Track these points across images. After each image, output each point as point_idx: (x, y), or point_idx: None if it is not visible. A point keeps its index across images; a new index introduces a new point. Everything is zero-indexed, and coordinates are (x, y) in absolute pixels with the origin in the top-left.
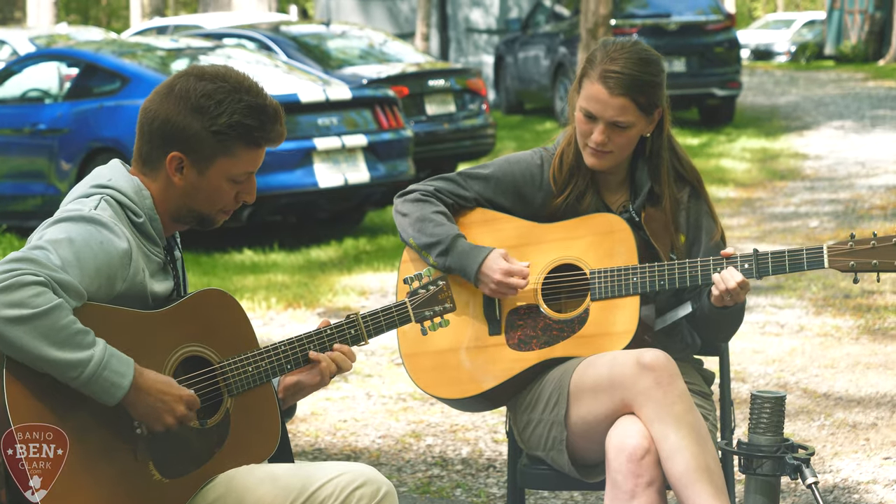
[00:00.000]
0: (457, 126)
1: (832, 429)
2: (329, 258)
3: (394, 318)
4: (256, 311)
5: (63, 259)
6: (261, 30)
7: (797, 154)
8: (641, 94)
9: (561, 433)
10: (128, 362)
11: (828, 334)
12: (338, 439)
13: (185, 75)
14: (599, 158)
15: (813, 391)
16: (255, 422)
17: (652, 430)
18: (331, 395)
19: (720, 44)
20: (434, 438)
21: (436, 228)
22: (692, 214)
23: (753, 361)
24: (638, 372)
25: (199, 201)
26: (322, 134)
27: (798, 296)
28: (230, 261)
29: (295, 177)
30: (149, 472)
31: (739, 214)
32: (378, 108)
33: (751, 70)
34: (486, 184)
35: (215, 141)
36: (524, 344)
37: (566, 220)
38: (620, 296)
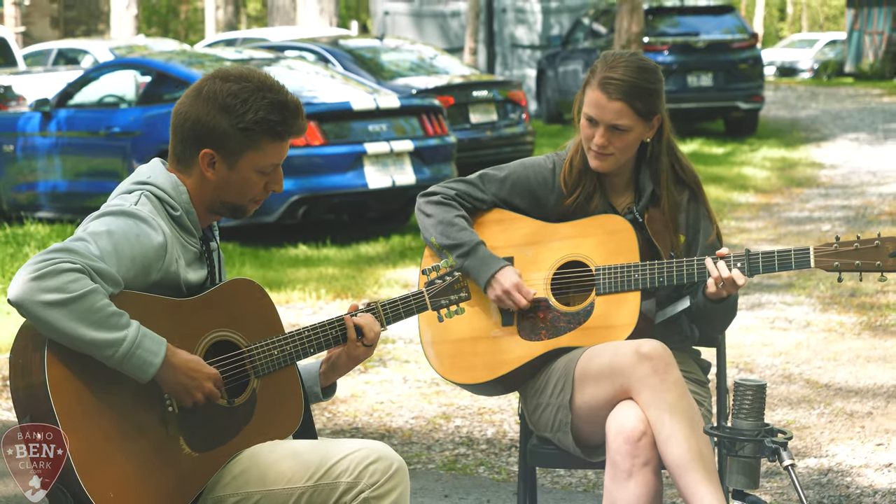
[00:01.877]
0: (498, 133)
1: (831, 416)
2: (377, 253)
3: (412, 306)
4: (307, 301)
5: (102, 249)
6: (320, 43)
7: (814, 163)
8: (638, 100)
9: (566, 416)
10: (160, 342)
11: (832, 329)
12: (374, 419)
13: (212, 78)
14: (601, 160)
15: (815, 382)
16: (279, 401)
17: (648, 414)
18: (370, 378)
19: (745, 60)
20: (462, 420)
21: (459, 233)
22: (691, 216)
23: (762, 354)
24: (637, 361)
25: (230, 193)
26: (372, 139)
27: (807, 293)
28: (286, 255)
29: (347, 178)
30: (180, 446)
31: (758, 218)
32: (424, 116)
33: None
34: (502, 186)
35: (243, 137)
36: (534, 334)
37: (575, 220)
38: (623, 291)
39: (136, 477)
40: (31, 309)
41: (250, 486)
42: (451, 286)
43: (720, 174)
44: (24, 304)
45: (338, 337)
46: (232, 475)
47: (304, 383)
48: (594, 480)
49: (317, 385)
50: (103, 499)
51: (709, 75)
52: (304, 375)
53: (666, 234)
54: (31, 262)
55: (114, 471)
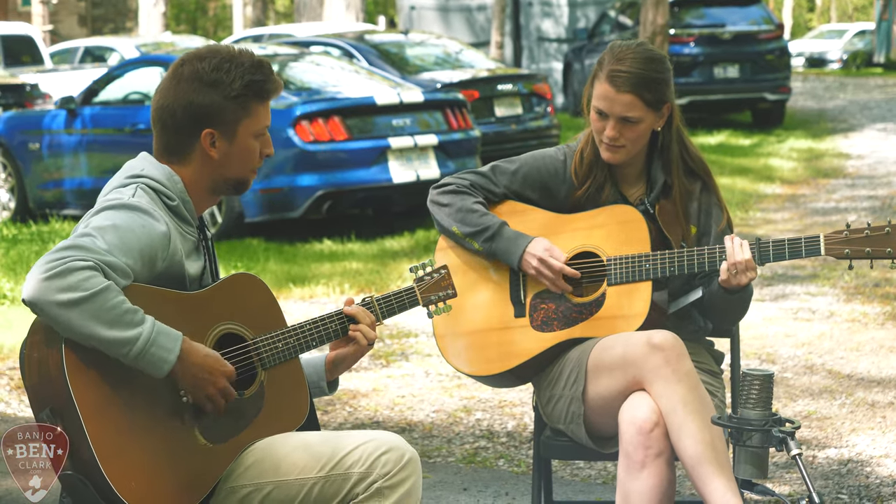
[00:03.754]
0: (524, 127)
1: (852, 407)
2: (401, 248)
3: (404, 301)
4: (331, 297)
5: (109, 243)
6: (346, 38)
7: (841, 154)
8: (647, 91)
9: (579, 408)
10: (176, 337)
11: (855, 320)
12: (395, 413)
13: (185, 63)
14: (613, 152)
15: (837, 372)
16: (286, 393)
17: (661, 405)
18: (392, 372)
19: (771, 52)
20: (483, 413)
21: (481, 218)
22: (703, 206)
23: (785, 344)
24: (648, 351)
25: (234, 167)
26: (396, 134)
27: (831, 284)
28: (311, 250)
29: (371, 173)
30: (195, 436)
31: (784, 209)
32: (448, 110)
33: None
34: (514, 178)
35: (236, 105)
36: (546, 325)
37: (586, 211)
38: (634, 281)
39: (154, 467)
40: (45, 309)
41: (263, 476)
42: (438, 283)
43: (747, 165)
44: (38, 303)
45: (338, 330)
46: (245, 466)
47: (307, 377)
48: (613, 472)
49: (322, 380)
50: (125, 488)
51: (735, 67)
52: (309, 370)
53: (677, 225)
54: (43, 261)
55: (134, 461)
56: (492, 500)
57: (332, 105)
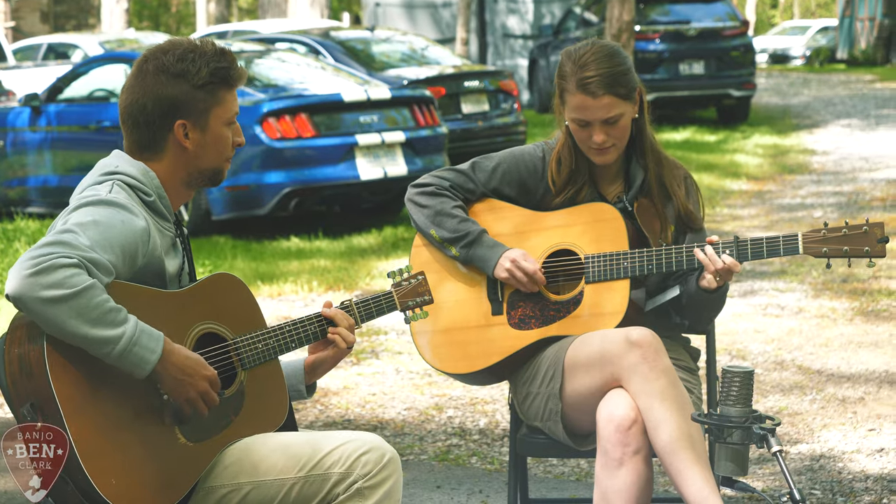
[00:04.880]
0: (490, 123)
1: (823, 402)
2: (369, 245)
3: (382, 306)
4: (299, 294)
5: (91, 239)
6: (311, 35)
7: (806, 150)
8: (619, 86)
9: (556, 405)
10: (157, 337)
11: (824, 316)
12: (366, 411)
13: (149, 58)
14: (605, 155)
15: (807, 368)
16: (266, 393)
17: (638, 402)
18: (363, 370)
19: (736, 48)
20: (455, 410)
21: (460, 224)
22: (681, 203)
23: (755, 340)
24: (626, 348)
25: (208, 157)
26: (364, 130)
27: (799, 280)
28: (278, 247)
29: (338, 170)
30: (175, 436)
31: (750, 205)
32: (416, 107)
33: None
34: (492, 175)
35: (205, 94)
36: (524, 323)
37: (564, 209)
38: (612, 279)
39: (135, 465)
40: (30, 305)
41: (242, 477)
42: (416, 289)
43: (713, 162)
44: (23, 299)
45: (317, 332)
46: (224, 466)
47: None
48: (587, 469)
49: (301, 384)
50: (106, 485)
51: (700, 63)
52: (287, 373)
53: (656, 223)
54: (26, 257)
55: (114, 459)
56: (465, 497)
57: (298, 102)
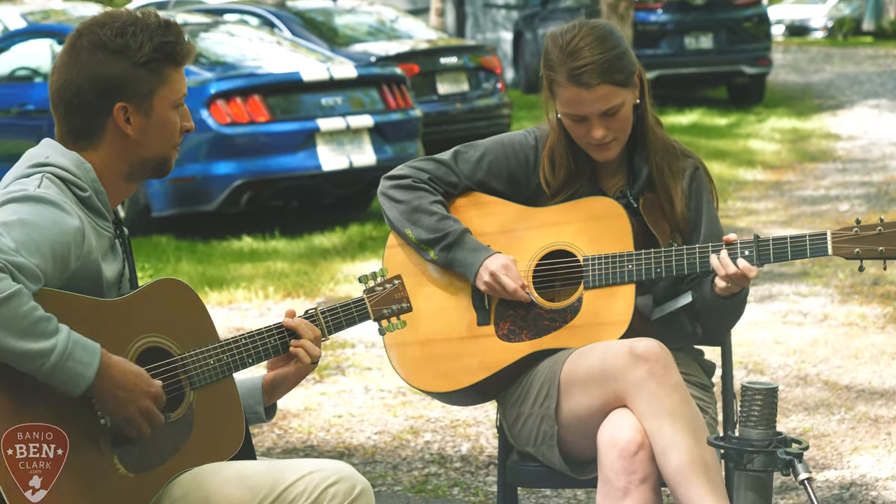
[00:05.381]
0: (470, 106)
1: (853, 423)
2: (332, 245)
3: (353, 315)
4: (253, 301)
5: (17, 241)
6: (265, 5)
7: (829, 134)
8: (616, 72)
9: (551, 427)
10: (93, 350)
11: (853, 323)
12: (332, 436)
13: (84, 33)
14: (607, 150)
15: (834, 383)
16: (218, 417)
17: (645, 423)
18: (326, 389)
19: (749, 19)
20: (433, 434)
21: (440, 223)
22: (693, 198)
23: (774, 352)
24: (631, 362)
25: (153, 144)
26: (326, 114)
27: (824, 283)
28: (228, 248)
29: (297, 159)
30: (114, 465)
31: (767, 198)
32: (385, 88)
33: (784, 47)
34: (477, 167)
35: (148, 73)
36: (514, 334)
37: (560, 204)
38: (615, 284)
39: (66, 500)
40: None
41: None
42: (391, 295)
43: (723, 148)
44: None
45: (277, 346)
46: (171, 500)
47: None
48: (585, 501)
49: (259, 404)
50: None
51: (709, 36)
52: (244, 393)
53: (664, 221)
54: None
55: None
56: None
57: (251, 82)
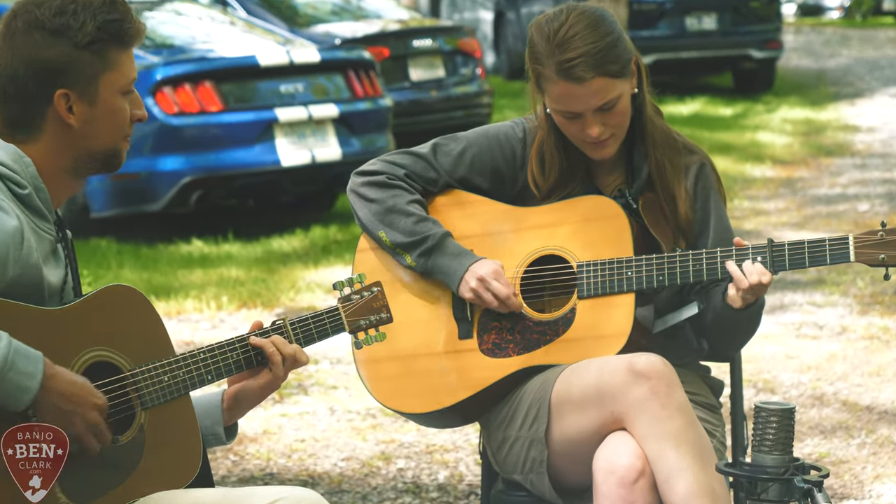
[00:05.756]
0: (446, 94)
1: (874, 447)
2: (293, 249)
3: (325, 326)
4: (204, 312)
5: None
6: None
7: (847, 126)
8: (611, 63)
9: (541, 453)
10: (36, 359)
11: (874, 337)
12: (293, 462)
13: (18, 13)
14: (604, 148)
15: (854, 403)
16: (173, 440)
17: (646, 448)
18: (287, 410)
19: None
20: (406, 461)
21: (418, 225)
22: (699, 198)
23: (786, 369)
24: (630, 380)
25: (100, 135)
26: (285, 103)
27: (841, 292)
28: (176, 253)
29: (253, 154)
30: (54, 493)
31: (777, 197)
32: (352, 73)
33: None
34: (459, 162)
35: (91, 55)
36: (499, 349)
37: (551, 204)
38: (613, 293)
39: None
40: None
41: None
42: (369, 304)
43: (729, 142)
44: None
45: (240, 361)
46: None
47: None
48: None
49: (219, 425)
50: None
51: (712, 16)
52: (200, 412)
53: (667, 223)
54: None
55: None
56: None
57: (201, 67)
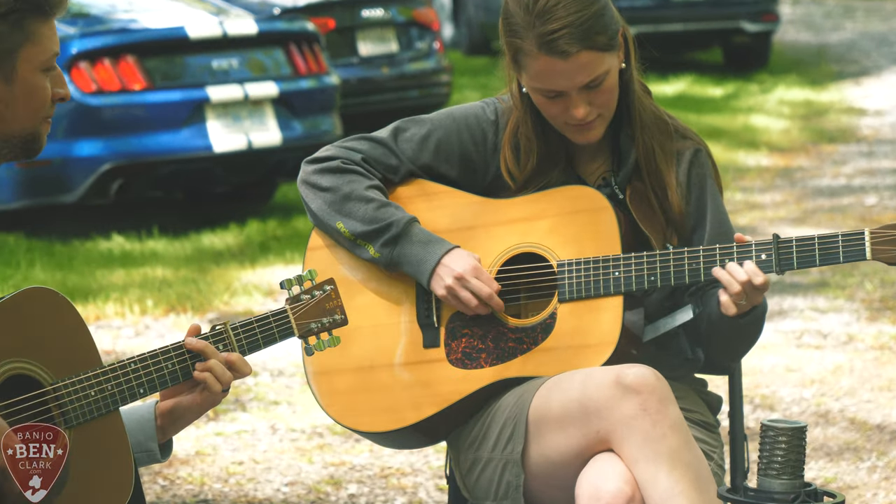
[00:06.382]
0: (400, 71)
1: (887, 471)
2: (227, 247)
3: (272, 330)
4: (127, 318)
5: None
6: None
7: (851, 109)
8: (597, 33)
9: (517, 477)
10: None
11: (885, 346)
12: (230, 487)
13: None
14: (590, 130)
15: (863, 422)
16: (101, 461)
17: (636, 471)
18: (223, 428)
19: None
20: (359, 486)
21: (379, 211)
22: (694, 189)
23: (786, 383)
24: (618, 395)
25: (19, 116)
26: (218, 81)
27: (847, 296)
28: (94, 250)
29: (181, 138)
30: None
31: (774, 188)
32: (293, 48)
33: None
34: (423, 147)
35: (9, 27)
36: (470, 359)
37: (527, 195)
38: (598, 296)
39: None
40: None
41: None
42: (321, 305)
43: (719, 125)
44: None
45: (176, 372)
46: None
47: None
48: None
49: (153, 440)
50: None
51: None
52: (131, 426)
53: (657, 216)
54: None
55: None
56: None
57: (123, 39)
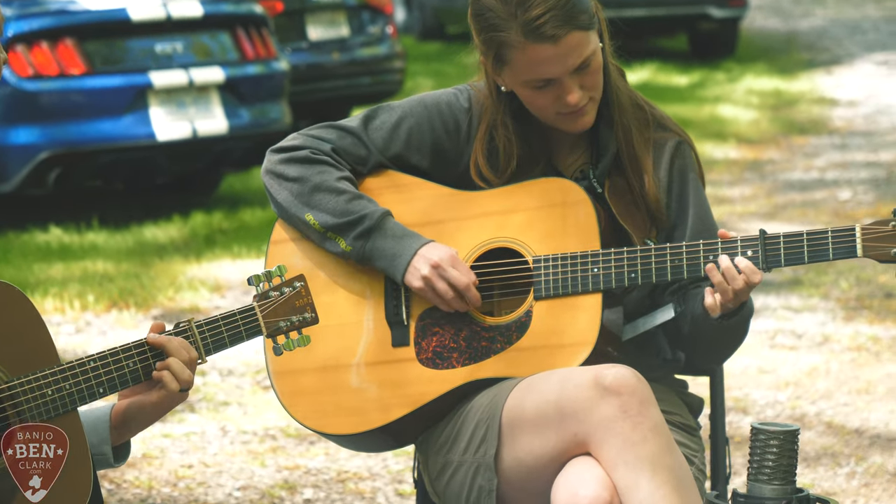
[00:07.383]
0: (351, 57)
1: (866, 477)
2: (170, 240)
3: (239, 329)
4: (67, 314)
5: None
6: None
7: (823, 99)
8: (581, 12)
9: (489, 481)
10: None
11: (861, 347)
12: (179, 492)
13: None
14: (584, 115)
15: (840, 426)
16: None
17: (615, 476)
18: (171, 430)
19: None
20: (315, 490)
21: (351, 203)
22: (676, 182)
23: (760, 385)
24: (596, 396)
25: None
26: (162, 66)
27: (822, 294)
28: (30, 242)
29: (122, 126)
30: None
31: (743, 182)
32: (240, 31)
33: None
34: (394, 135)
35: None
36: (441, 359)
37: (502, 187)
38: (576, 293)
39: None
40: None
41: None
42: (290, 302)
43: (684, 116)
44: None
45: (137, 371)
46: None
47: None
48: None
49: (107, 443)
50: None
51: None
52: (87, 429)
53: (637, 210)
54: None
55: None
56: None
57: (62, 21)
